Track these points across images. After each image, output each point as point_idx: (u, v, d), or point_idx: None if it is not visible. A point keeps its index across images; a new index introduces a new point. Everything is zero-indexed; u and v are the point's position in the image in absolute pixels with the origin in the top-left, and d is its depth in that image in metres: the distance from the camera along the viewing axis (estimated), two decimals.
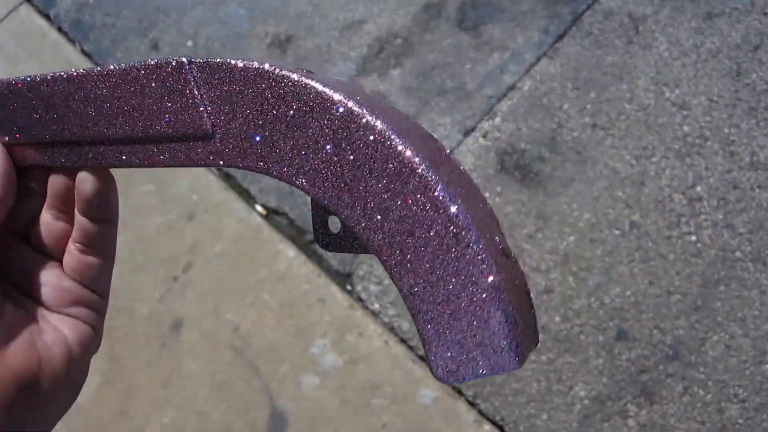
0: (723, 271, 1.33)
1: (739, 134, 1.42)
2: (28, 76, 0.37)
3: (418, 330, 0.29)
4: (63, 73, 0.36)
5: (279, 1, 1.78)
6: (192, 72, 0.32)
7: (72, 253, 0.40)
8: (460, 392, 1.30)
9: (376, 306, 1.39)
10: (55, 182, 0.39)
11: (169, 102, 0.33)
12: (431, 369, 0.29)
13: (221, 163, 0.33)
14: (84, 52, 1.81)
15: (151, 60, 0.34)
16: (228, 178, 1.59)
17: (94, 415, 1.39)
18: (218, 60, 0.32)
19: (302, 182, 0.31)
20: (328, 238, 0.35)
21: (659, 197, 1.40)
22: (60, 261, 0.41)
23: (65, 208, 0.40)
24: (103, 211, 0.39)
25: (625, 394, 1.27)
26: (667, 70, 1.50)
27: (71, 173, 0.39)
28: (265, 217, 1.52)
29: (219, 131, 0.32)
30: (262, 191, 1.55)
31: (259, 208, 1.54)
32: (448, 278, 0.28)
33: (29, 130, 0.38)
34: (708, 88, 1.47)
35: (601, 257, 1.37)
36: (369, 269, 1.42)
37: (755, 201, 1.36)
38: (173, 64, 0.33)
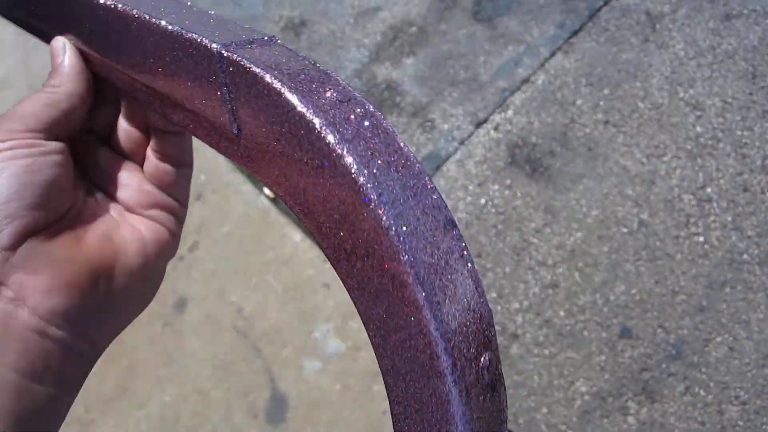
0: (729, 273, 1.32)
1: (752, 137, 1.41)
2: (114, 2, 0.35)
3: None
4: (120, 7, 0.34)
5: None
6: (222, 67, 0.29)
7: (150, 160, 0.41)
8: None
9: None
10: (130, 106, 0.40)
11: (200, 87, 0.31)
12: None
13: (246, 168, 0.31)
14: None
15: (189, 34, 0.31)
16: None
17: (95, 391, 1.39)
18: (248, 65, 0.28)
19: (307, 223, 0.28)
20: None
21: (669, 197, 1.39)
22: (140, 164, 0.42)
23: (140, 123, 0.41)
24: (185, 147, 0.40)
25: (626, 391, 1.27)
26: (682, 70, 1.49)
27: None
28: (273, 201, 1.51)
29: (244, 138, 0.30)
30: None
31: (266, 191, 1.54)
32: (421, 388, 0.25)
33: (101, 46, 0.37)
34: (722, 89, 1.46)
35: (608, 254, 1.36)
36: None
37: (765, 204, 1.36)
38: (204, 48, 0.30)
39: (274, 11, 1.76)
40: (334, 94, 0.28)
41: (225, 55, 0.29)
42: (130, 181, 0.41)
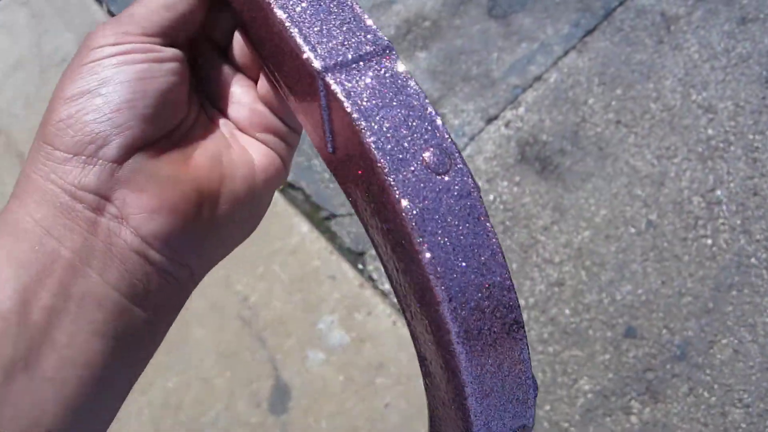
0: (737, 276, 1.32)
1: (763, 141, 1.41)
2: None
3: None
4: None
5: None
6: (323, 92, 0.28)
7: (265, 84, 0.38)
8: None
9: (387, 286, 1.39)
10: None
11: (301, 89, 0.30)
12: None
13: (338, 182, 0.30)
14: (110, 12, 1.81)
15: (294, 36, 0.29)
16: None
17: None
18: (347, 106, 0.27)
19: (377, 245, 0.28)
20: None
21: (678, 198, 1.39)
22: (255, 82, 0.39)
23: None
24: None
25: (629, 390, 1.27)
26: (696, 72, 1.49)
27: None
28: (281, 191, 1.51)
29: (339, 155, 0.30)
30: None
31: None
32: None
33: None
34: (735, 92, 1.46)
35: (615, 254, 1.36)
36: None
37: None
38: (307, 64, 0.29)
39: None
40: (431, 157, 0.26)
41: (327, 81, 0.28)
42: (243, 99, 0.39)
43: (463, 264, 0.25)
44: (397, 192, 0.25)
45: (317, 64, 0.28)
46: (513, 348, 0.27)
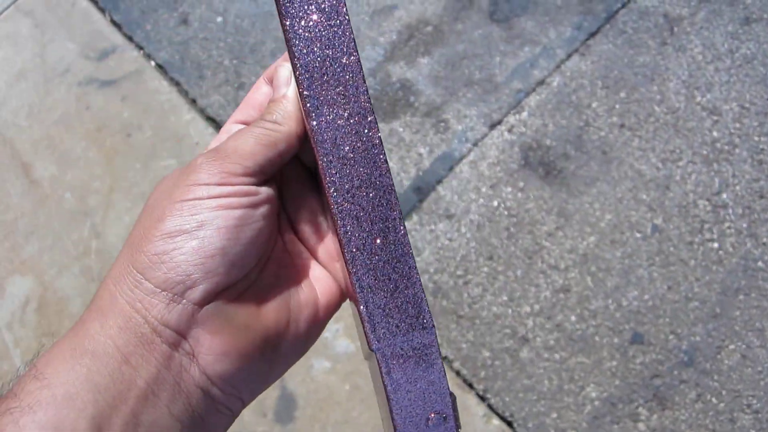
0: (744, 280, 1.31)
1: None
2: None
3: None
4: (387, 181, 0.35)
5: None
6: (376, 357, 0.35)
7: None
8: (470, 385, 1.30)
9: None
10: None
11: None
12: None
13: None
14: (113, 22, 1.81)
15: (366, 324, 0.36)
16: None
17: None
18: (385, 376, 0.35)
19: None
20: None
21: (683, 202, 1.38)
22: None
23: None
24: None
25: (636, 397, 1.27)
26: (700, 74, 1.48)
27: None
28: None
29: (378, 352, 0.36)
30: None
31: None
32: None
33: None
34: (740, 94, 1.45)
35: (621, 259, 1.35)
36: None
37: None
38: (367, 337, 0.36)
39: None
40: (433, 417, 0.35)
41: (378, 360, 0.35)
42: (325, 229, 0.41)
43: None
44: None
45: (375, 345, 0.35)
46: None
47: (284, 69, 0.39)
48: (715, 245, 1.34)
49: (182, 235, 0.34)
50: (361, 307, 0.35)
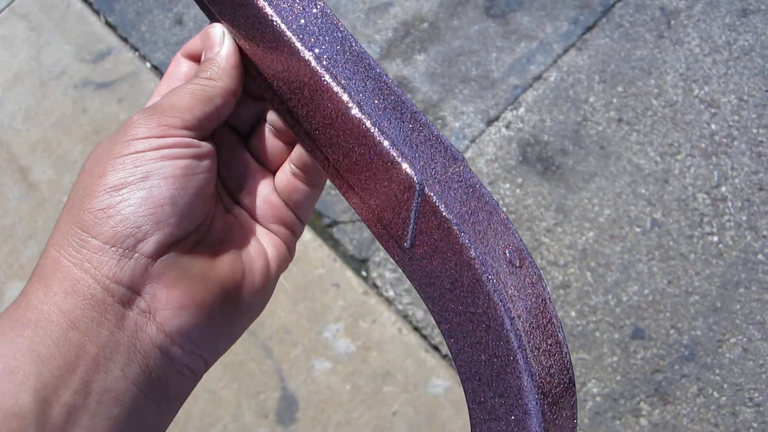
0: (744, 274, 1.31)
1: (767, 135, 1.39)
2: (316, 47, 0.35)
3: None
4: (323, 72, 0.34)
5: None
6: (417, 199, 0.32)
7: (285, 173, 0.40)
8: None
9: (391, 293, 1.38)
10: (279, 122, 0.39)
11: (386, 196, 0.34)
12: None
13: (401, 269, 0.35)
14: (108, 24, 1.81)
15: (394, 150, 0.33)
16: None
17: None
18: (444, 212, 0.32)
19: (451, 346, 0.34)
20: None
21: (682, 196, 1.38)
22: (273, 174, 0.41)
23: (284, 137, 0.40)
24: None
25: (638, 392, 1.26)
26: (698, 67, 1.47)
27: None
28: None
29: (415, 253, 0.33)
30: None
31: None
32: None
33: (273, 68, 0.36)
34: (738, 86, 1.44)
35: (621, 254, 1.35)
36: (385, 256, 1.42)
37: None
38: (406, 176, 0.33)
39: None
40: (509, 254, 0.33)
41: (426, 192, 0.32)
42: (262, 190, 0.40)
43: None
44: (489, 285, 0.31)
45: (417, 177, 0.32)
46: None
47: (216, 28, 0.38)
48: (715, 239, 1.34)
49: (128, 187, 0.33)
50: (392, 151, 0.33)
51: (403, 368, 1.30)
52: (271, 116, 0.40)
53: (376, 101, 0.34)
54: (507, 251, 0.33)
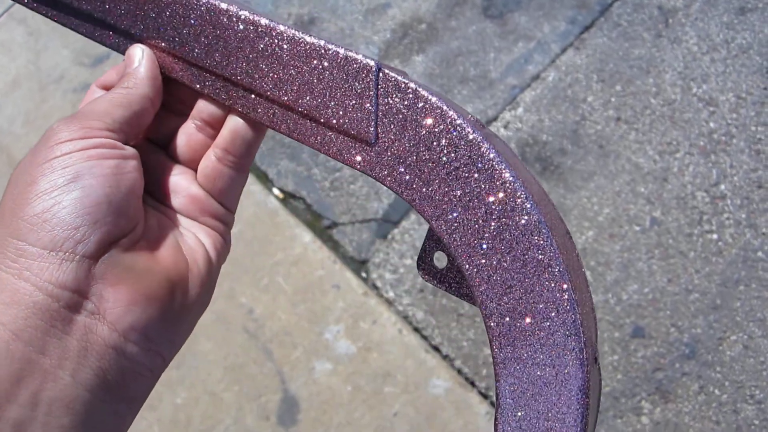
0: (744, 271, 1.31)
1: (766, 133, 1.39)
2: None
3: (497, 390, 0.32)
4: (249, 16, 0.36)
5: None
6: (378, 79, 0.34)
7: (209, 161, 0.40)
8: (472, 383, 1.30)
9: (391, 294, 1.38)
10: (208, 108, 0.40)
11: (343, 95, 0.35)
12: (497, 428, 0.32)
13: (369, 172, 0.34)
14: None
15: (343, 49, 0.34)
16: None
17: None
18: (405, 81, 0.33)
19: (441, 226, 0.33)
20: (429, 269, 0.37)
21: (682, 194, 1.38)
22: (194, 170, 0.41)
23: (209, 129, 0.41)
24: (251, 152, 0.40)
25: (639, 391, 1.26)
26: (696, 65, 1.47)
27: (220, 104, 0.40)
28: (282, 201, 1.51)
29: (381, 144, 0.34)
30: (280, 174, 1.55)
31: (276, 191, 1.53)
32: (544, 367, 0.31)
33: (192, 49, 0.38)
34: (736, 84, 1.44)
35: (620, 253, 1.35)
36: (385, 257, 1.42)
37: None
38: (362, 63, 0.34)
39: (283, 8, 1.75)
40: (471, 117, 0.34)
41: (384, 71, 0.34)
42: (184, 188, 0.40)
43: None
44: (475, 134, 0.32)
45: (372, 60, 0.34)
46: None
47: (135, 48, 0.39)
48: (715, 236, 1.34)
49: (59, 189, 0.32)
50: (338, 48, 0.35)
51: (403, 369, 1.30)
52: (198, 110, 0.40)
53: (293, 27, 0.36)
54: (469, 116, 0.34)
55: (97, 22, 0.41)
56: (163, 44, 0.39)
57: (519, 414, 0.31)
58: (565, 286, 0.31)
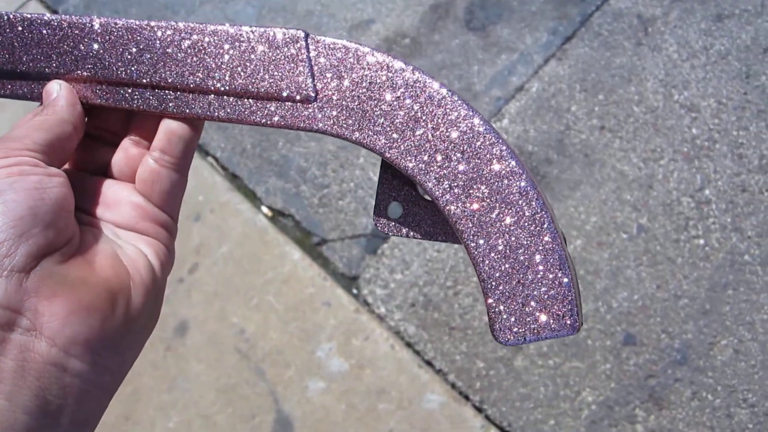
0: (731, 275, 1.32)
1: (748, 137, 1.41)
2: (124, 20, 0.39)
3: (486, 297, 0.35)
4: (165, 23, 0.38)
5: None
6: (308, 44, 0.37)
7: (146, 166, 0.40)
8: (467, 397, 1.30)
9: (383, 310, 1.38)
10: (142, 123, 0.40)
11: (277, 66, 0.37)
12: (494, 333, 0.35)
13: (315, 128, 0.37)
14: None
15: (269, 27, 0.38)
16: (234, 179, 1.58)
17: None
18: (334, 40, 0.37)
19: (394, 155, 0.37)
20: (386, 221, 0.41)
21: (667, 200, 1.39)
22: (131, 183, 0.41)
23: (145, 142, 0.41)
24: (189, 152, 0.41)
25: (633, 399, 1.27)
26: (676, 72, 1.49)
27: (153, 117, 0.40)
28: (271, 219, 1.51)
29: (321, 99, 0.37)
30: (269, 192, 1.55)
31: (265, 209, 1.53)
32: (520, 250, 0.35)
33: (116, 68, 0.39)
34: (717, 90, 1.46)
35: (609, 261, 1.36)
36: (375, 272, 1.42)
37: (764, 204, 1.35)
38: (290, 34, 0.37)
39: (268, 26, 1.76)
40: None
41: (312, 37, 0.37)
42: (123, 198, 0.40)
43: None
44: (406, 64, 0.37)
45: (301, 32, 0.37)
46: None
47: (52, 84, 0.40)
48: (701, 241, 1.35)
49: None
50: (264, 29, 0.38)
51: (397, 385, 1.30)
52: (132, 128, 0.41)
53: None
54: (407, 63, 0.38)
55: (5, 75, 0.41)
56: (84, 74, 0.40)
57: (497, 275, 0.35)
58: (520, 173, 0.35)
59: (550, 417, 1.28)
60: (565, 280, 0.34)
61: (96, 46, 0.39)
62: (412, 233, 0.40)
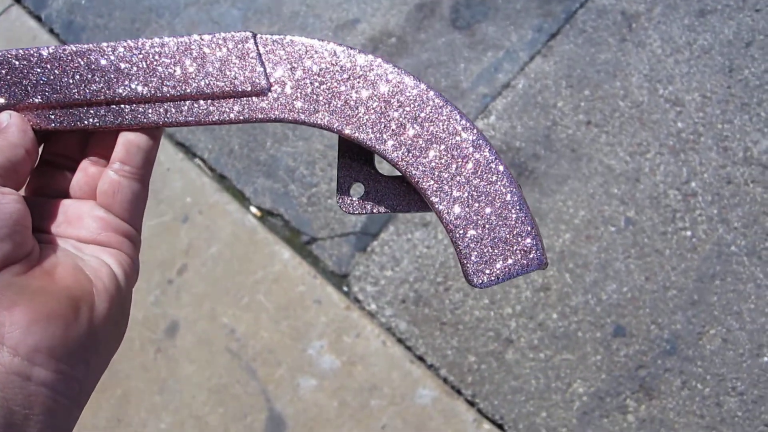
0: (718, 266, 1.33)
1: (732, 130, 1.43)
2: (72, 45, 0.41)
3: (456, 247, 0.39)
4: (113, 44, 0.40)
5: (273, 0, 1.77)
6: (257, 42, 0.40)
7: (107, 178, 0.40)
8: (459, 392, 1.30)
9: (373, 306, 1.38)
10: (98, 141, 0.41)
11: (229, 66, 0.40)
12: (468, 277, 0.38)
13: (272, 117, 0.39)
14: (61, 41, 1.80)
15: (217, 33, 0.40)
16: (222, 180, 1.58)
17: (89, 423, 1.37)
18: (281, 36, 0.40)
19: (352, 130, 0.39)
20: (350, 201, 0.43)
21: (654, 193, 1.40)
22: (92, 200, 0.41)
23: (104, 160, 0.42)
24: (148, 162, 0.41)
25: (623, 389, 1.27)
26: (661, 67, 1.50)
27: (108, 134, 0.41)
28: (260, 219, 1.51)
29: (275, 90, 0.39)
30: (257, 192, 1.54)
31: (253, 209, 1.53)
32: (481, 197, 0.38)
33: (70, 90, 0.40)
34: (701, 84, 1.47)
35: (597, 254, 1.37)
36: (365, 270, 1.42)
37: (749, 195, 1.37)
38: (239, 36, 0.40)
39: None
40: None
41: (259, 36, 0.40)
42: (85, 212, 0.40)
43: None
44: (350, 48, 0.40)
45: (248, 32, 0.40)
46: None
47: (3, 114, 0.40)
48: (688, 233, 1.36)
49: None
50: (212, 36, 0.41)
51: (389, 380, 1.30)
52: (90, 147, 0.42)
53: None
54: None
55: None
56: (36, 100, 0.41)
57: (464, 223, 0.38)
58: (470, 126, 0.39)
59: (542, 409, 1.28)
60: (526, 218, 0.37)
61: (46, 72, 0.41)
62: (376, 208, 0.43)
